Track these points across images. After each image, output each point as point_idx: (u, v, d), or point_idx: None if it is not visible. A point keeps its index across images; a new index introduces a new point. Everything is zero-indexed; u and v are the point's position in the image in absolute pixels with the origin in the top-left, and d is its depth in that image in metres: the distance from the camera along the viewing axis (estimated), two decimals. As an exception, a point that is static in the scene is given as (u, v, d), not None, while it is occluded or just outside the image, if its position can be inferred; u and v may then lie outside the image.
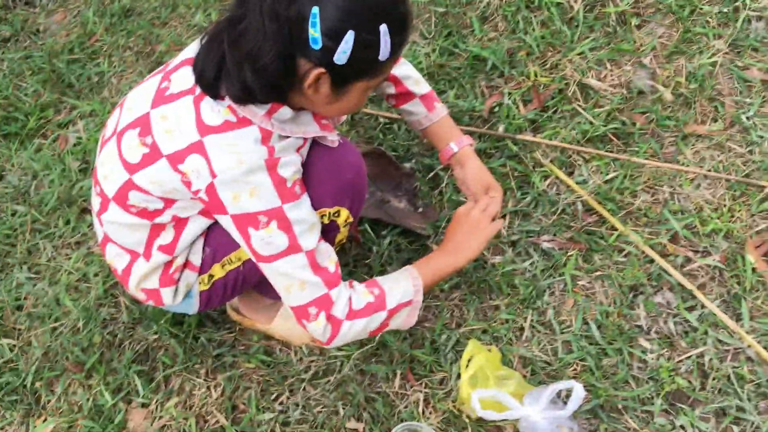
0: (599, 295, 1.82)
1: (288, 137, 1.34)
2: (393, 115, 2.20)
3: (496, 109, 2.16)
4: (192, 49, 1.40)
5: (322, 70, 1.22)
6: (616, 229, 1.90)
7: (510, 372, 1.61)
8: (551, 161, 2.04)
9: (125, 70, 2.74)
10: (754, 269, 1.79)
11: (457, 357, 1.74)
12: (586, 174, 2.00)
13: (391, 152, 2.10)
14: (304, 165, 1.40)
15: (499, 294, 1.85)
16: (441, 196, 2.04)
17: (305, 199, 1.37)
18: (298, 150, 1.38)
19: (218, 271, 1.55)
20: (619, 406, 1.64)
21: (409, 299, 1.45)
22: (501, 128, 2.11)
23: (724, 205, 1.90)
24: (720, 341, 1.70)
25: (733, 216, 1.88)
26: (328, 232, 1.48)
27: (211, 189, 1.31)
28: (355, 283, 1.44)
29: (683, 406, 1.62)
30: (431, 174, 2.07)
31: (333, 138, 1.42)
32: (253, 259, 1.37)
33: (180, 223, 1.47)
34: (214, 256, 1.53)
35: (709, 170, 1.95)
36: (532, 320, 1.80)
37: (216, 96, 1.29)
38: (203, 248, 1.53)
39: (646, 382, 1.67)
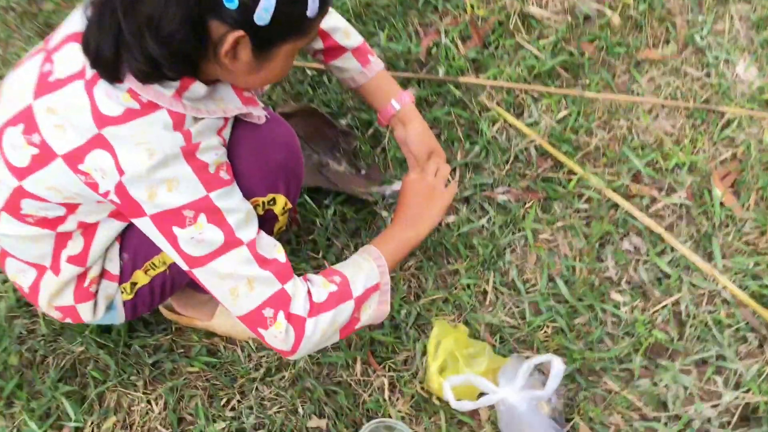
0: (563, 248, 1.69)
1: (205, 118, 1.13)
2: (322, 66, 1.98)
3: (434, 50, 1.96)
4: (75, 21, 1.15)
5: (241, 33, 1.01)
6: (574, 173, 1.76)
7: (480, 346, 1.48)
8: (498, 104, 1.87)
9: (11, 36, 2.40)
10: (722, 203, 1.69)
11: (420, 334, 1.60)
12: (537, 114, 1.85)
13: (323, 108, 1.89)
14: (228, 149, 1.19)
15: (458, 257, 1.70)
16: (384, 154, 1.85)
17: (236, 186, 1.17)
18: (219, 132, 1.17)
19: (142, 278, 1.34)
20: (597, 368, 1.54)
21: (375, 282, 1.28)
22: (441, 72, 1.91)
23: (685, 136, 1.78)
24: (694, 285, 1.60)
25: (695, 147, 1.77)
26: (264, 223, 1.29)
27: (121, 189, 1.09)
28: (309, 275, 1.26)
29: (662, 361, 1.53)
30: (371, 130, 1.87)
31: (259, 113, 1.21)
32: (184, 267, 1.17)
33: (89, 230, 1.26)
34: (135, 262, 1.32)
35: (666, 98, 1.82)
36: (494, 282, 1.66)
37: (116, 79, 1.06)
38: (120, 254, 1.32)
39: (622, 338, 1.57)
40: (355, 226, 1.75)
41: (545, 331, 1.60)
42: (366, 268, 1.27)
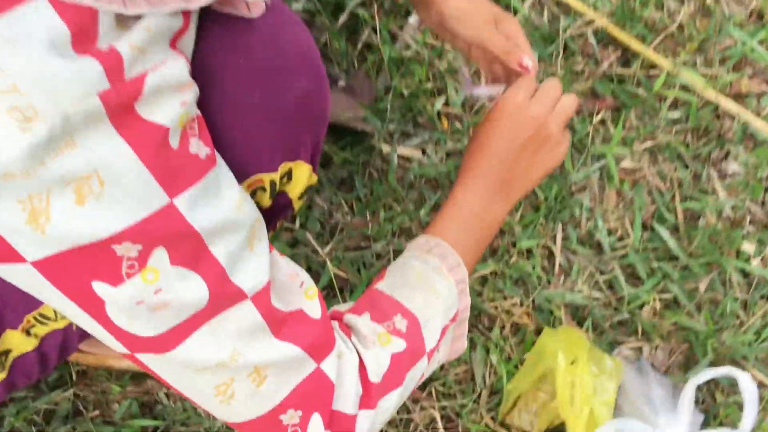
0: (654, 179, 1.16)
1: (143, 15, 0.46)
2: None
3: None
4: None
5: None
6: (656, 68, 1.21)
7: (598, 357, 0.94)
8: (527, -33, 1.25)
9: None
10: None
11: (479, 335, 1.04)
12: (585, -19, 1.25)
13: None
14: (198, 82, 0.52)
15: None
16: (370, 50, 1.20)
17: (222, 166, 0.52)
18: (173, 42, 0.50)
19: (20, 343, 0.68)
20: (738, 357, 1.06)
21: (454, 312, 0.69)
22: None
23: (792, 4, 1.27)
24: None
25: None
26: (269, 219, 0.65)
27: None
28: (348, 316, 0.65)
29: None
30: (344, 14, 1.20)
31: None
32: (123, 350, 0.52)
33: None
34: (2, 318, 0.65)
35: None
36: (565, 240, 1.12)
37: None
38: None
39: (758, 305, 1.09)
40: (345, 173, 1.12)
41: (653, 307, 1.09)
42: (442, 292, 0.67)
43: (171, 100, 0.46)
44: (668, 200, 1.14)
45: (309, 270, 1.07)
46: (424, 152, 1.16)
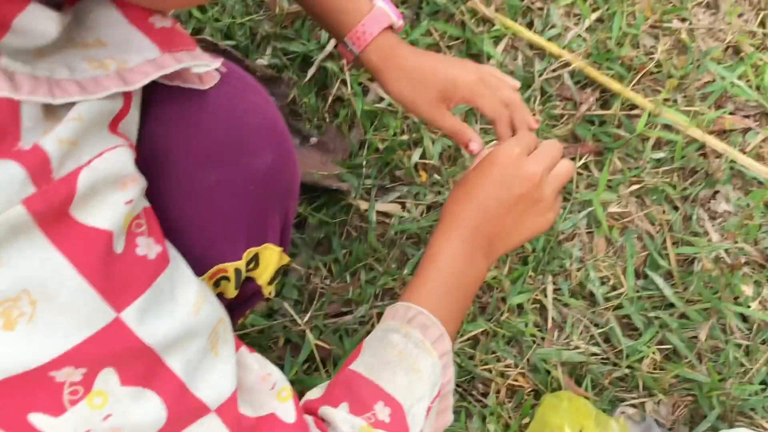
0: (643, 223, 1.12)
1: (75, 102, 0.40)
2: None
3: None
4: None
5: None
6: (636, 106, 1.17)
7: (603, 422, 0.87)
8: (497, 10, 1.22)
9: None
10: (843, 129, 1.18)
11: (474, 403, 0.98)
12: (559, 22, 1.22)
13: (224, 42, 1.14)
14: (141, 168, 0.46)
15: (496, 263, 1.07)
16: (342, 103, 1.14)
17: (178, 261, 0.46)
18: (113, 125, 0.43)
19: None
20: (746, 408, 1.01)
21: (438, 390, 0.62)
22: (404, -34, 1.22)
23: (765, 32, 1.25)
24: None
25: (786, 51, 1.24)
26: (233, 309, 0.58)
27: None
28: (325, 410, 0.57)
29: (835, 378, 1.03)
30: (312, 68, 1.15)
31: (209, 65, 0.48)
32: None
33: None
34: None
35: (728, -16, 1.27)
36: (557, 292, 1.06)
37: None
38: None
39: (761, 350, 1.04)
40: (321, 234, 1.06)
41: (652, 359, 1.03)
42: (426, 370, 0.60)
43: (111, 198, 0.39)
44: (660, 245, 1.09)
45: (288, 342, 1.00)
46: (403, 207, 1.10)
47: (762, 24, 1.26)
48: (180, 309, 0.44)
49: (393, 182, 1.11)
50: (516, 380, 1.01)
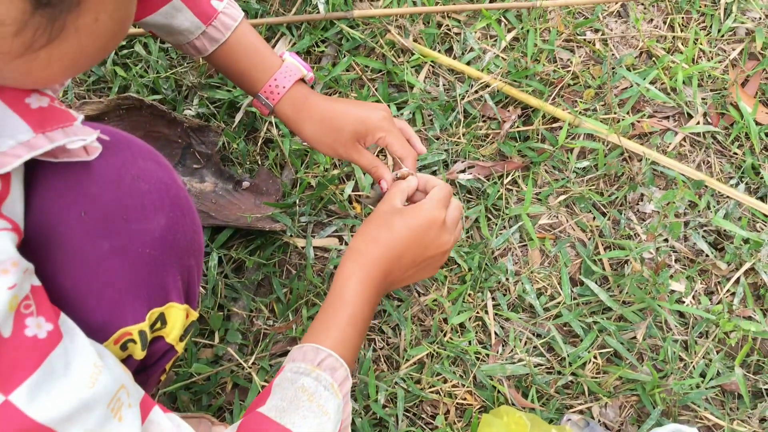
0: (575, 231, 1.15)
1: None
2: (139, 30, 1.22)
3: (300, -24, 1.28)
4: None
5: None
6: (557, 120, 1.21)
7: (542, 430, 0.90)
8: (416, 40, 1.26)
9: None
10: (756, 122, 1.23)
11: (423, 427, 0.99)
12: (476, 45, 1.26)
13: (150, 97, 1.16)
14: (28, 245, 0.48)
15: (432, 283, 1.10)
16: (270, 147, 1.17)
17: (73, 339, 0.47)
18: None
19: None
20: (689, 402, 1.03)
21: (339, 425, 0.64)
22: (321, 8, 1.25)
23: (678, 38, 1.29)
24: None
25: (702, 51, 1.29)
26: (146, 369, 0.60)
27: None
28: None
29: (762, 357, 1.06)
30: (239, 113, 1.18)
31: (85, 140, 0.50)
32: None
33: None
34: None
35: (636, -7, 1.32)
36: (497, 309, 1.09)
37: None
38: None
39: (698, 343, 1.07)
40: (260, 276, 1.07)
41: (595, 363, 1.06)
42: (332, 410, 0.63)
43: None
44: (592, 251, 1.13)
45: (236, 386, 1.01)
46: (340, 240, 1.12)
47: (671, 27, 1.31)
48: (75, 382, 0.45)
49: (328, 217, 1.14)
50: (464, 399, 1.02)
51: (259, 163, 1.16)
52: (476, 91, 1.21)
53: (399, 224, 0.70)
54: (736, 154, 1.21)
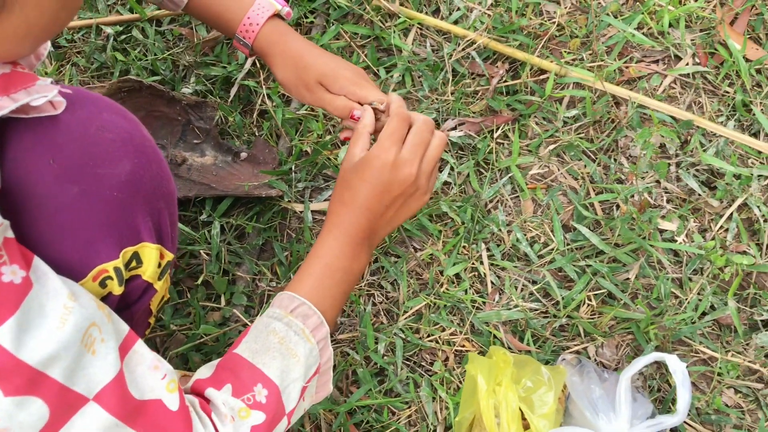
0: (566, 179, 1.17)
1: None
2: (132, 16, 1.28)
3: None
4: None
5: None
6: (545, 71, 1.22)
7: (534, 370, 0.93)
8: (402, 4, 1.28)
9: None
10: (746, 58, 1.23)
11: (423, 374, 1.04)
12: (461, 4, 1.28)
13: (149, 78, 1.22)
14: (10, 192, 0.53)
15: (428, 238, 1.13)
16: (266, 117, 1.21)
17: (45, 283, 0.52)
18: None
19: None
20: (682, 336, 1.05)
21: (315, 369, 0.69)
22: (308, -22, 1.29)
23: (663, -18, 1.29)
24: (760, 177, 1.14)
25: (683, -7, 1.29)
26: (129, 307, 0.65)
27: None
28: (210, 391, 0.64)
29: (761, 293, 1.07)
30: (234, 88, 1.22)
31: (47, 96, 0.55)
32: None
33: None
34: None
35: (620, -60, 1.32)
36: (492, 259, 1.12)
37: None
38: None
39: (692, 280, 1.09)
40: (261, 240, 1.12)
41: (589, 305, 1.08)
42: (303, 354, 0.68)
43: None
44: (583, 197, 1.15)
45: (243, 345, 1.06)
46: (338, 203, 1.16)
47: (658, -29, 1.31)
48: (50, 322, 0.50)
49: (325, 181, 1.18)
50: (462, 345, 1.06)
51: (256, 134, 1.20)
52: (463, 49, 1.24)
53: (355, 180, 0.73)
54: (727, 92, 1.21)
